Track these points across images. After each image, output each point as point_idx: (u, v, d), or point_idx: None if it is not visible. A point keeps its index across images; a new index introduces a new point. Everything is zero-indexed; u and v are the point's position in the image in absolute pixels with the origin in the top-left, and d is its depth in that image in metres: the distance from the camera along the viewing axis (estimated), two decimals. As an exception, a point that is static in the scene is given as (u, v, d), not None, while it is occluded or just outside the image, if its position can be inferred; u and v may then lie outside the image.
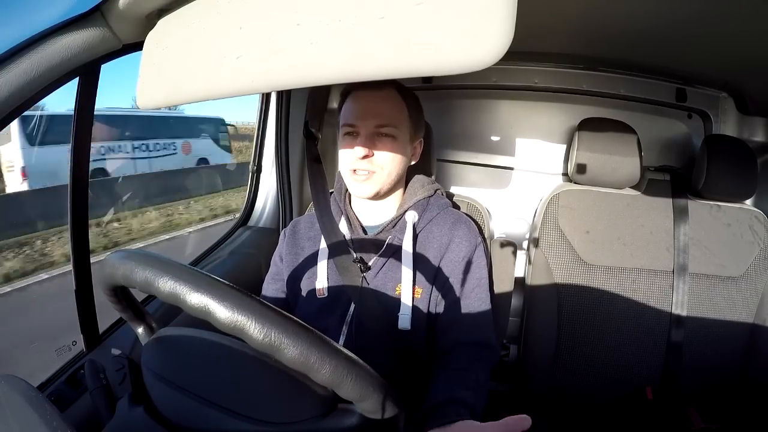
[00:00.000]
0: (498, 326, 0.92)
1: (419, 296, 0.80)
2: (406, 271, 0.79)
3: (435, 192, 0.89)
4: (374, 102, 0.78)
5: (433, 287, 0.81)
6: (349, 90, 0.82)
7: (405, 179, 0.88)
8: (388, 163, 0.79)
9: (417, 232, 0.83)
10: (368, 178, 0.79)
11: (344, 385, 0.39)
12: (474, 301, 0.82)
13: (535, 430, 1.05)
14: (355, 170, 0.79)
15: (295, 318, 0.39)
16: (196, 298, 0.38)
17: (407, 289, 0.79)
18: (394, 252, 0.81)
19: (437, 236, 0.83)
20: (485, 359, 0.79)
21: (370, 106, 0.78)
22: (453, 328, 0.80)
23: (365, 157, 0.77)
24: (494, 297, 0.91)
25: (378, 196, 0.82)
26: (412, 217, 0.83)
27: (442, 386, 0.72)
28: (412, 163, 0.87)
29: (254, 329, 0.37)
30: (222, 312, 0.37)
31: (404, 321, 0.77)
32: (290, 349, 0.37)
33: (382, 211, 0.86)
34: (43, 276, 4.08)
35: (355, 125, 0.78)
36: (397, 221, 0.83)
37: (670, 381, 1.05)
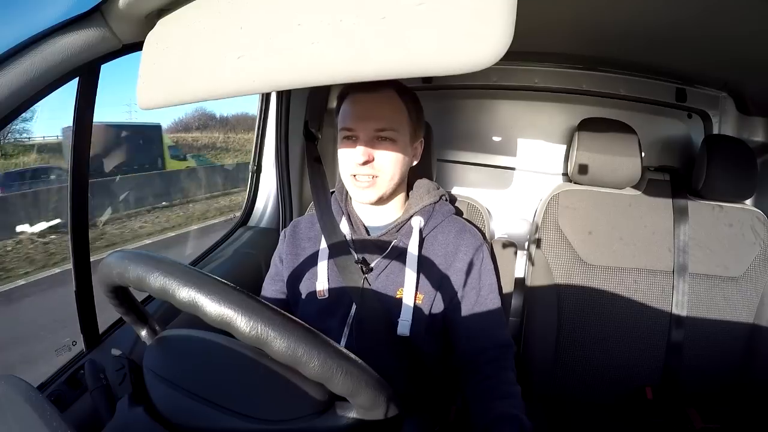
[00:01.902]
0: None
1: (420, 301, 0.79)
2: (410, 276, 0.79)
3: (440, 198, 0.88)
4: (373, 104, 0.77)
5: (437, 294, 0.80)
6: (346, 92, 0.80)
7: (407, 179, 0.88)
8: (389, 166, 0.77)
9: (422, 237, 0.83)
10: (371, 184, 0.77)
11: (334, 379, 0.38)
12: (490, 305, 0.82)
13: (536, 430, 1.05)
14: (355, 175, 0.78)
15: (283, 312, 0.39)
16: (184, 293, 0.38)
17: (409, 294, 0.78)
18: (398, 255, 0.81)
19: (442, 244, 0.83)
20: (509, 359, 0.80)
21: (369, 108, 0.77)
22: (476, 335, 0.80)
23: (366, 162, 0.75)
24: None
25: (380, 201, 0.82)
26: (418, 222, 0.83)
27: (488, 404, 0.72)
28: (414, 163, 0.86)
29: (241, 322, 0.37)
30: (210, 306, 0.37)
31: (403, 327, 0.77)
32: (277, 342, 0.37)
33: (384, 211, 0.85)
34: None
35: (353, 129, 0.77)
36: (402, 225, 0.83)
37: (670, 381, 1.05)
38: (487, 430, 0.67)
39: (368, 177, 0.77)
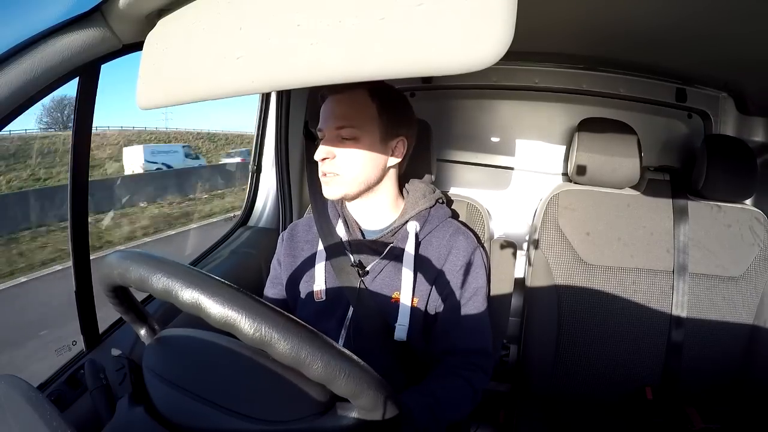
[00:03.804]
0: (498, 327, 0.92)
1: (416, 304, 0.79)
2: (406, 281, 0.79)
3: (436, 202, 0.88)
4: (338, 105, 0.78)
5: (430, 296, 0.81)
6: (324, 95, 0.82)
7: (399, 180, 0.87)
8: (350, 165, 0.77)
9: (418, 241, 0.83)
10: (332, 181, 0.78)
11: (337, 381, 0.38)
12: (471, 309, 0.82)
13: (535, 430, 1.05)
14: (324, 174, 0.79)
15: (287, 313, 0.39)
16: (187, 294, 0.38)
17: (406, 298, 0.78)
18: (394, 258, 0.81)
19: (436, 247, 0.83)
20: (478, 366, 0.79)
21: (333, 109, 0.79)
22: (450, 335, 0.80)
23: (324, 159, 0.77)
24: (494, 298, 0.91)
25: (348, 198, 0.82)
26: (413, 227, 0.82)
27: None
28: (396, 162, 0.83)
29: (245, 324, 0.37)
30: (213, 307, 0.37)
31: (401, 332, 0.77)
32: (281, 343, 0.37)
33: (379, 214, 0.85)
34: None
35: (321, 128, 0.79)
36: (398, 230, 0.83)
37: (670, 381, 1.05)
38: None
39: (331, 174, 0.78)
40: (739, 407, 1.05)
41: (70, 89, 0.64)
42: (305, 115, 1.24)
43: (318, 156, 0.77)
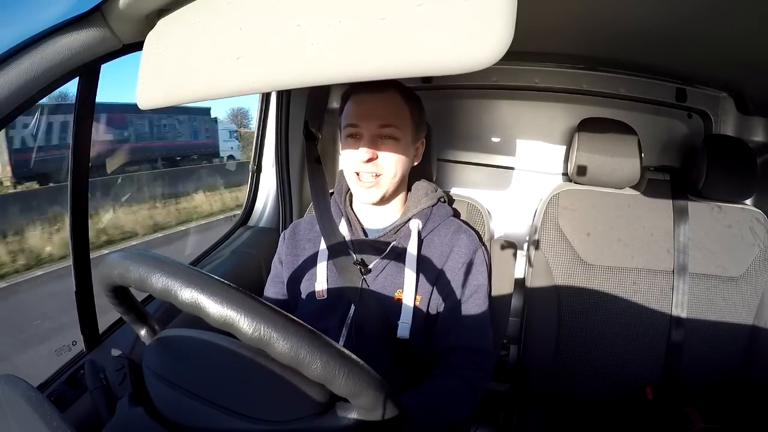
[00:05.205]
0: (498, 327, 0.92)
1: (418, 303, 0.80)
2: (409, 279, 0.79)
3: (438, 201, 0.88)
4: (376, 103, 0.78)
5: (432, 294, 0.81)
6: (350, 92, 0.81)
7: (407, 181, 0.88)
8: (392, 165, 0.78)
9: (421, 239, 0.83)
10: (374, 184, 0.78)
11: (336, 380, 0.38)
12: (471, 307, 0.82)
13: (535, 430, 1.05)
14: (359, 173, 0.78)
15: (286, 313, 0.39)
16: (186, 294, 0.38)
17: (409, 296, 0.78)
18: (396, 257, 0.81)
19: (438, 245, 0.83)
20: (478, 365, 0.79)
21: (372, 107, 0.78)
22: (449, 333, 0.80)
23: (369, 160, 0.76)
24: (494, 298, 0.91)
25: (383, 201, 0.82)
26: (416, 225, 0.83)
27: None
28: (415, 164, 0.86)
29: (244, 323, 0.37)
30: (212, 307, 0.37)
31: (403, 329, 0.77)
32: (279, 343, 0.37)
33: (383, 213, 0.86)
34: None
35: (358, 125, 0.78)
36: (400, 228, 0.83)
37: (670, 381, 1.05)
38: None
39: (371, 176, 0.78)
40: (739, 407, 1.05)
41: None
42: (305, 115, 1.24)
43: (362, 157, 0.76)
